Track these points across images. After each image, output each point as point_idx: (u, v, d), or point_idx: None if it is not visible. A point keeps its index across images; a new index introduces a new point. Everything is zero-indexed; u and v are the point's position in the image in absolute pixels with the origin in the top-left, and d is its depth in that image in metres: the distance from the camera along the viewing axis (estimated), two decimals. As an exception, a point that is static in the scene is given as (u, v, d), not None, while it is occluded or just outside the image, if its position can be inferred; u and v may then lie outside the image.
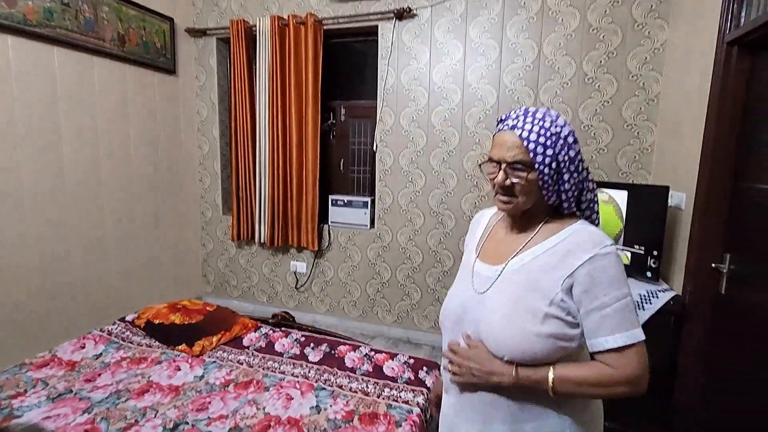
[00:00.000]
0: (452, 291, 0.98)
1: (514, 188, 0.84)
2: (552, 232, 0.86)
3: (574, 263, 0.79)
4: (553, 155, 0.81)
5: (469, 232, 1.08)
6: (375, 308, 3.25)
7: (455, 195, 2.91)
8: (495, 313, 0.83)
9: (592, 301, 0.78)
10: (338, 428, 1.41)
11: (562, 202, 0.86)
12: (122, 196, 2.91)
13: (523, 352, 0.79)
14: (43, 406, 1.51)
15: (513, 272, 0.86)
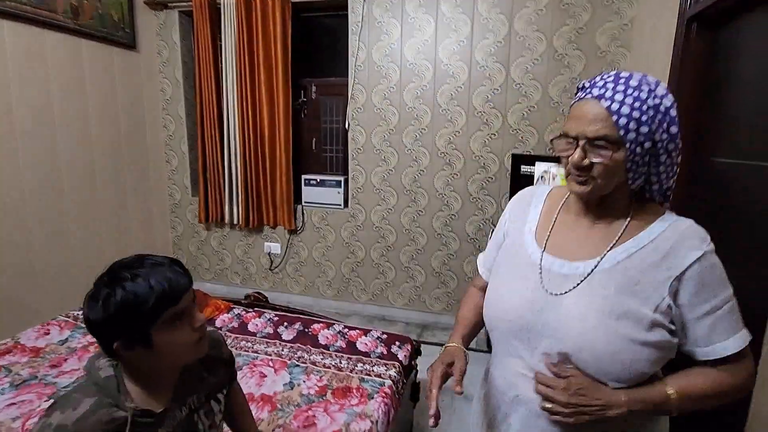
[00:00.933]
0: (507, 288, 0.83)
1: (592, 169, 0.70)
2: (642, 224, 0.74)
3: (682, 263, 0.69)
4: (649, 132, 0.67)
5: (512, 215, 0.91)
6: (350, 287, 3.27)
7: (428, 173, 2.92)
8: (586, 320, 0.70)
9: (704, 304, 0.69)
10: (312, 403, 1.43)
11: (652, 185, 0.74)
12: (84, 178, 2.79)
13: (627, 366, 0.69)
14: (6, 392, 1.47)
15: (605, 272, 0.72)
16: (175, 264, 0.77)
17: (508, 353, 0.82)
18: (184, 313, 0.74)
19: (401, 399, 1.59)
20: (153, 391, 0.77)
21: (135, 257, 0.78)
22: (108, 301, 0.69)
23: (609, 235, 0.75)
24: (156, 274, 0.72)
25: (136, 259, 0.76)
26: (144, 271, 0.72)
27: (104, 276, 0.74)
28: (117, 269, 0.74)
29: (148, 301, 0.70)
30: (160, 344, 0.73)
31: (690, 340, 0.71)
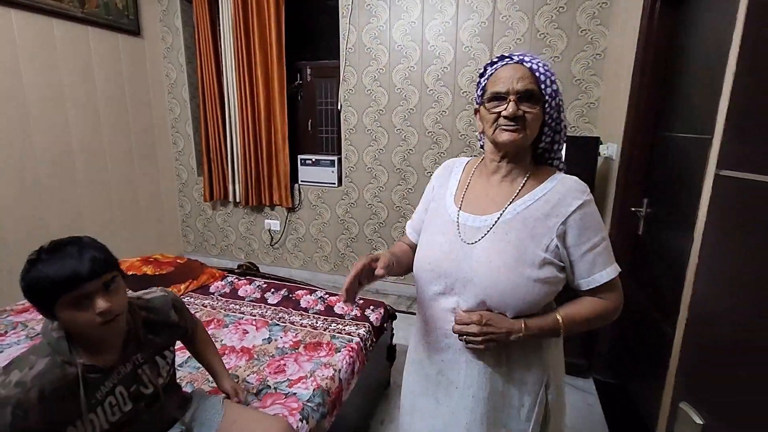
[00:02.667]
0: (430, 242, 0.94)
1: (525, 119, 0.82)
2: (537, 181, 0.88)
3: (566, 210, 0.83)
4: (556, 92, 0.84)
5: (437, 183, 1.03)
6: (345, 262, 3.44)
7: (416, 152, 3.02)
8: (492, 263, 0.83)
9: (586, 243, 0.83)
10: (285, 354, 1.61)
11: (554, 143, 0.89)
12: (95, 161, 3.01)
13: (524, 299, 0.81)
14: (23, 343, 1.69)
15: (507, 222, 0.85)
16: (93, 251, 0.84)
17: (433, 300, 0.92)
18: (83, 300, 0.82)
19: (368, 355, 1.74)
20: (99, 350, 0.91)
21: (67, 239, 0.86)
22: (23, 276, 0.83)
23: (511, 191, 0.89)
24: (65, 261, 0.81)
25: (62, 242, 0.85)
26: (55, 257, 0.81)
27: (36, 250, 0.85)
28: (43, 248, 0.84)
29: (43, 285, 0.80)
30: (64, 320, 0.85)
31: (576, 274, 0.86)
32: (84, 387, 0.88)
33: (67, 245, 0.84)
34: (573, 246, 0.83)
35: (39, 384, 0.83)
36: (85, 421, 0.89)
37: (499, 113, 0.83)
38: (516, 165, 0.89)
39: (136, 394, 0.98)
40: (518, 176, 0.89)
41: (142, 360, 1.00)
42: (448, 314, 0.89)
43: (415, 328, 1.03)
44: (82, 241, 0.86)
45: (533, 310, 0.84)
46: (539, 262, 0.82)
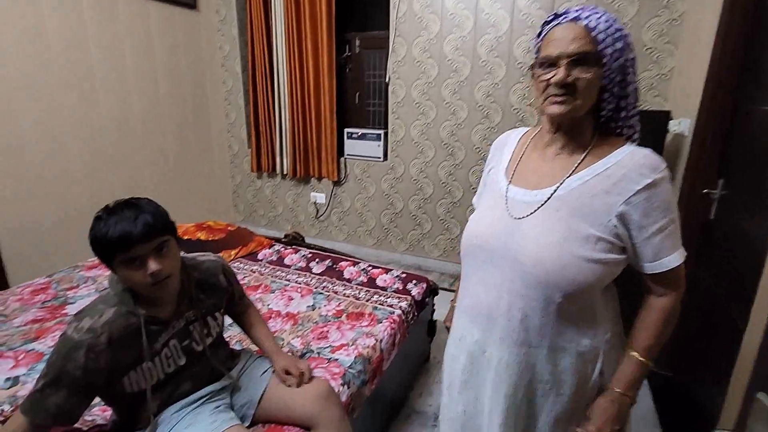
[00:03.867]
0: (478, 217, 0.91)
1: (576, 86, 0.74)
2: (599, 154, 0.79)
3: (630, 188, 0.75)
4: (621, 50, 0.73)
5: (492, 156, 0.98)
6: (389, 237, 3.45)
7: (465, 127, 2.92)
8: (539, 240, 0.77)
9: (652, 225, 0.75)
10: (327, 322, 1.64)
11: (620, 110, 0.79)
12: (153, 132, 3.16)
13: (574, 280, 0.75)
14: (92, 295, 1.84)
15: (560, 198, 0.79)
16: (148, 216, 0.88)
17: (476, 276, 0.88)
18: (138, 260, 0.87)
19: (409, 328, 1.75)
20: (156, 304, 0.97)
21: (126, 201, 0.91)
22: (89, 232, 0.88)
23: (568, 166, 0.82)
24: (121, 223, 0.85)
25: (121, 204, 0.90)
26: (114, 218, 0.86)
27: (102, 209, 0.90)
28: (108, 207, 0.90)
29: (103, 243, 0.86)
30: (122, 277, 0.91)
31: (640, 257, 0.78)
32: (146, 335, 0.94)
33: (126, 207, 0.89)
34: (637, 228, 0.76)
35: (108, 330, 0.89)
36: (145, 367, 0.95)
37: (548, 81, 0.76)
38: (573, 137, 0.82)
39: (188, 349, 1.03)
40: (576, 149, 0.82)
41: (193, 317, 1.05)
42: (489, 292, 0.85)
43: (456, 305, 0.99)
44: (140, 204, 0.91)
45: (584, 293, 0.77)
46: (594, 241, 0.75)
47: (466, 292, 0.93)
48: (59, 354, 0.87)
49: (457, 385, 0.95)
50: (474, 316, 0.89)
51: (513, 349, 0.83)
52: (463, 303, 0.94)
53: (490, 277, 0.85)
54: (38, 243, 2.53)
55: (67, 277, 1.99)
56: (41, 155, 2.50)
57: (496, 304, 0.83)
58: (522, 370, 0.83)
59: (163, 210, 0.95)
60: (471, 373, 0.91)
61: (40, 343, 1.47)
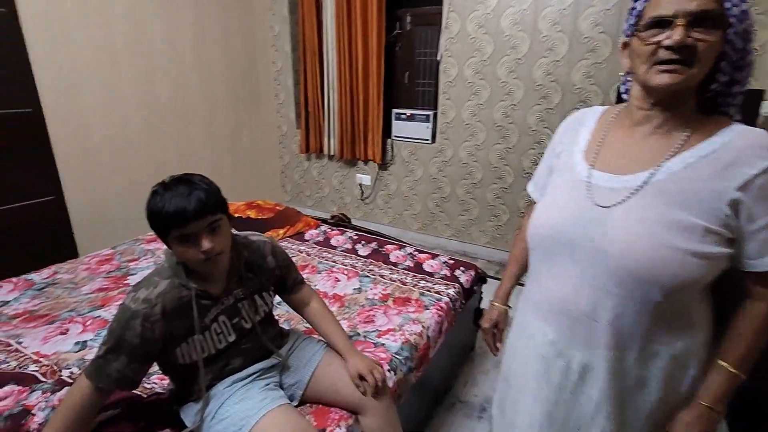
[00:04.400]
0: (551, 204, 0.82)
1: (696, 51, 0.63)
2: (705, 134, 0.69)
3: (744, 172, 0.64)
4: (746, 12, 0.64)
5: (563, 137, 0.87)
6: (435, 222, 3.37)
7: (521, 108, 2.76)
8: (635, 230, 0.68)
9: (764, 217, 0.65)
10: (374, 306, 1.62)
11: (733, 84, 0.69)
12: (207, 110, 3.25)
13: (675, 277, 0.65)
14: (151, 268, 1.92)
15: (658, 183, 0.69)
16: (201, 193, 0.87)
17: (550, 272, 0.79)
18: (191, 237, 0.87)
19: (456, 316, 1.69)
20: (207, 279, 0.98)
21: (180, 177, 0.91)
22: (147, 205, 0.89)
23: (666, 146, 0.71)
24: (175, 199, 0.85)
25: (177, 180, 0.90)
26: (169, 194, 0.86)
27: (158, 183, 0.90)
28: (164, 182, 0.90)
29: (158, 218, 0.87)
30: (176, 252, 0.92)
31: (743, 251, 0.68)
32: (196, 309, 0.95)
33: (180, 183, 0.89)
34: (746, 218, 0.65)
35: (161, 302, 0.91)
36: (197, 340, 0.96)
37: (659, 44, 0.65)
38: (673, 114, 0.71)
39: (237, 326, 1.04)
40: (676, 128, 0.71)
41: (242, 295, 1.06)
42: (566, 288, 0.76)
43: (523, 298, 0.91)
44: (193, 180, 0.90)
45: (685, 291, 0.68)
46: (700, 233, 0.65)
47: (535, 287, 0.85)
48: (119, 322, 0.90)
49: (530, 391, 0.85)
50: (546, 313, 0.81)
51: (600, 353, 0.74)
52: (532, 298, 0.86)
53: (564, 271, 0.76)
54: (104, 216, 2.69)
55: (129, 249, 2.10)
56: (105, 132, 2.64)
57: (574, 301, 0.75)
58: (610, 375, 0.74)
59: (216, 187, 0.94)
60: (548, 380, 0.82)
61: (105, 310, 1.56)
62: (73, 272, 1.86)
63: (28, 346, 1.34)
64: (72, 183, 2.49)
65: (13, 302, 1.61)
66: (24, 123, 2.21)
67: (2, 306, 1.59)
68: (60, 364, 1.25)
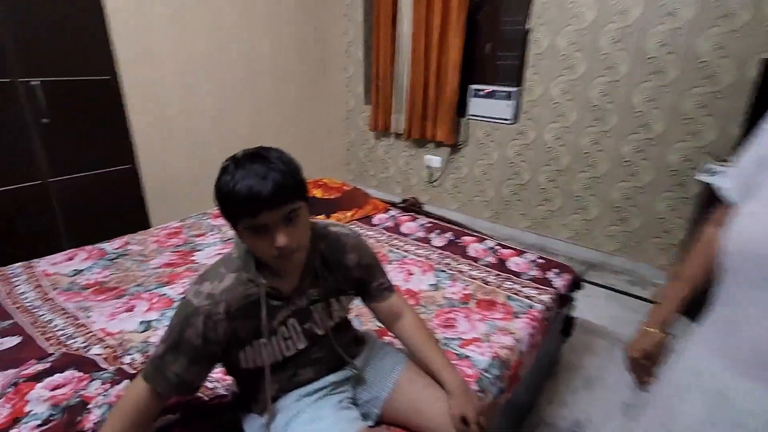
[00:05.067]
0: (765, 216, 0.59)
1: None
2: None
3: None
4: None
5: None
6: (509, 211, 3.08)
7: (625, 84, 2.36)
8: None
9: None
10: (453, 307, 1.42)
11: None
12: (277, 83, 3.15)
13: None
14: (218, 245, 1.86)
15: None
16: (278, 175, 0.70)
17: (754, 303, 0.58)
18: (264, 228, 0.71)
19: (549, 328, 1.45)
20: (280, 275, 0.82)
21: (255, 153, 0.74)
22: (216, 183, 0.73)
23: None
24: (247, 180, 0.68)
25: (251, 156, 0.73)
26: (240, 173, 0.69)
27: (230, 158, 0.74)
28: (235, 157, 0.73)
29: (227, 202, 0.71)
30: (246, 242, 0.77)
31: None
32: (265, 309, 0.81)
33: (255, 161, 0.71)
34: None
35: (226, 299, 0.78)
36: (262, 345, 0.82)
37: None
38: None
39: (309, 332, 0.89)
40: None
41: (316, 296, 0.89)
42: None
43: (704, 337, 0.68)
44: (270, 158, 0.72)
45: None
46: None
47: (729, 325, 0.62)
48: (179, 318, 0.77)
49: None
50: (753, 366, 0.59)
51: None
52: (724, 340, 0.63)
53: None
54: (176, 187, 2.70)
55: (197, 223, 2.05)
56: (178, 103, 2.61)
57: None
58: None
59: (296, 166, 0.77)
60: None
61: (171, 288, 1.50)
62: (143, 244, 1.84)
63: (95, 322, 1.29)
64: (146, 153, 2.50)
65: (86, 271, 1.60)
66: (101, 90, 2.22)
67: (76, 275, 1.58)
68: (124, 345, 1.19)
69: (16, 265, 1.62)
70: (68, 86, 2.09)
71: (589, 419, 1.58)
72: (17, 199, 2.03)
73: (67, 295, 1.44)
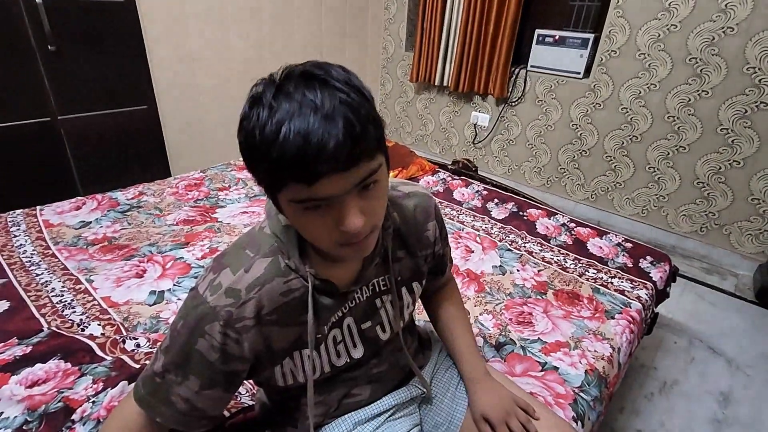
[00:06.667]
0: None
1: None
2: None
3: None
4: None
5: None
6: (564, 180, 2.73)
7: (741, 32, 1.92)
8: None
9: None
10: (527, 297, 1.15)
11: None
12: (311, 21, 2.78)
13: None
14: (242, 201, 1.62)
15: None
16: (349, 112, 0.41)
17: None
18: (324, 204, 0.44)
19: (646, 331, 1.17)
20: (336, 261, 0.55)
21: (309, 71, 0.43)
22: (241, 122, 0.44)
23: None
24: (299, 122, 0.39)
25: (303, 76, 0.43)
26: (287, 106, 0.40)
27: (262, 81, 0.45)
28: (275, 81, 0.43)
29: (264, 159, 0.42)
30: (292, 220, 0.48)
31: None
32: (312, 310, 0.55)
33: (307, 84, 0.41)
34: None
35: (257, 297, 0.52)
36: (306, 357, 0.57)
37: None
38: None
39: (369, 336, 0.63)
40: None
41: (384, 287, 0.63)
42: None
43: None
44: (329, 80, 0.42)
45: None
46: None
47: None
48: (186, 320, 0.52)
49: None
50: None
51: None
52: None
53: None
54: (198, 132, 2.45)
55: (220, 175, 1.81)
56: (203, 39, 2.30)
57: None
58: None
59: (370, 94, 0.47)
60: None
61: (189, 251, 1.27)
62: (159, 195, 1.61)
63: (99, 288, 1.08)
64: (166, 92, 2.23)
65: (94, 224, 1.39)
66: (115, 16, 1.92)
67: (83, 227, 1.37)
68: (130, 320, 0.98)
69: (17, 212, 1.42)
70: (76, 6, 1.81)
71: (667, 430, 1.33)
72: (23, 137, 1.82)
73: (70, 251, 1.23)
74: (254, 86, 0.44)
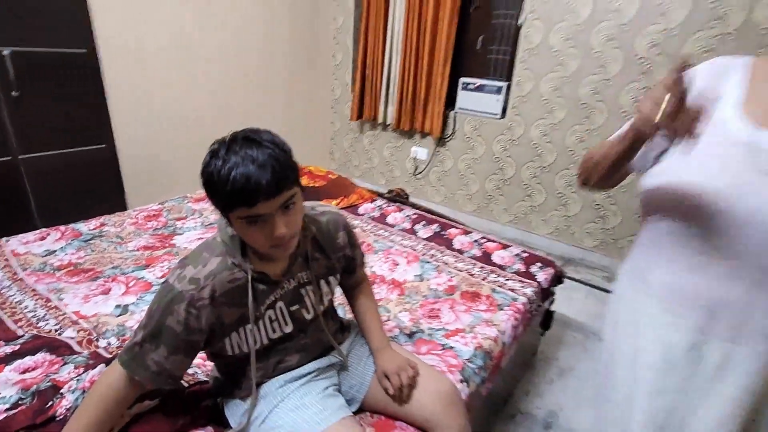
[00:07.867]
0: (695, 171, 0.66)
1: None
2: None
3: None
4: None
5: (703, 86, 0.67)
6: (491, 205, 3.11)
7: (615, 84, 2.40)
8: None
9: None
10: (438, 298, 1.42)
11: None
12: (265, 65, 3.07)
13: None
14: (198, 229, 1.81)
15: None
16: (274, 162, 0.66)
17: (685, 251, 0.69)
18: (258, 219, 0.68)
19: (531, 321, 1.47)
20: (269, 260, 0.80)
21: (247, 135, 0.69)
22: (203, 169, 0.69)
23: None
24: (242, 168, 0.64)
25: (243, 139, 0.68)
26: (234, 159, 0.65)
27: (218, 141, 0.70)
28: (225, 141, 0.69)
29: (219, 191, 0.67)
30: (238, 231, 0.73)
31: None
32: (252, 295, 0.78)
33: (247, 145, 0.67)
34: None
35: (211, 284, 0.75)
36: (248, 330, 0.80)
37: None
38: None
39: (296, 316, 0.87)
40: None
41: (306, 280, 0.88)
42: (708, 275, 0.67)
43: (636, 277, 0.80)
44: (263, 142, 0.68)
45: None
46: None
47: (659, 268, 0.74)
48: (160, 304, 0.74)
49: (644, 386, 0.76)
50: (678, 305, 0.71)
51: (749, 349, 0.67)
52: (651, 281, 0.75)
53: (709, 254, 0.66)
54: (155, 169, 2.61)
55: (177, 207, 1.99)
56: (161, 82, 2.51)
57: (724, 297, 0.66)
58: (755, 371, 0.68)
59: (289, 148, 0.74)
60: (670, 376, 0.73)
61: (149, 272, 1.45)
62: (120, 225, 1.78)
63: (68, 304, 1.24)
64: (124, 132, 2.41)
65: (59, 252, 1.54)
66: (77, 65, 2.11)
67: (48, 255, 1.51)
68: (99, 329, 1.15)
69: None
70: (41, 58, 1.99)
71: (562, 408, 1.61)
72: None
73: (38, 276, 1.38)
74: (212, 145, 0.70)
